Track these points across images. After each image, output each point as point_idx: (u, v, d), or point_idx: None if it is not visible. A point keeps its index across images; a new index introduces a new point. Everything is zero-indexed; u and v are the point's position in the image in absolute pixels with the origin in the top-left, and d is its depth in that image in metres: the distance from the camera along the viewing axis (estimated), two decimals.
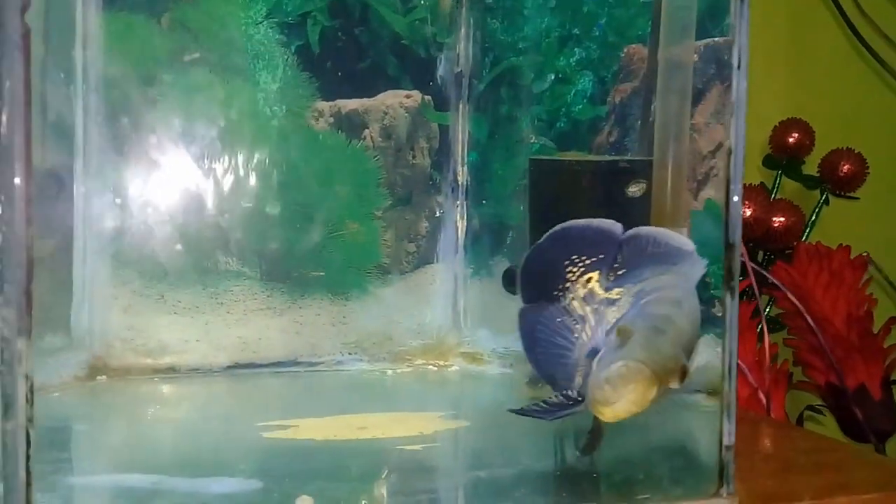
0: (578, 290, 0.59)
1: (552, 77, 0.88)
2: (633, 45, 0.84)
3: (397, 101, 0.89)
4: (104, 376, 0.78)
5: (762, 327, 0.97)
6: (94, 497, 0.51)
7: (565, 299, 0.59)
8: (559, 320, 0.57)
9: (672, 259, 0.56)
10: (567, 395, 0.55)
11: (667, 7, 0.70)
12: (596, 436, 0.57)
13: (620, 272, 0.58)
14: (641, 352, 0.49)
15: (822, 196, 1.22)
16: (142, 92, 0.79)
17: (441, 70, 0.89)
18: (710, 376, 0.67)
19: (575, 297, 0.59)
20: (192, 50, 0.82)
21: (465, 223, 0.90)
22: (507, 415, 0.74)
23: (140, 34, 0.80)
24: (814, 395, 1.14)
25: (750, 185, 1.16)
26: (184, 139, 0.80)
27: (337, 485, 0.53)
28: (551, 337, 0.57)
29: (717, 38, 0.77)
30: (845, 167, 1.21)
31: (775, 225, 1.15)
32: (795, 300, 1.06)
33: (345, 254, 0.87)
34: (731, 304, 0.50)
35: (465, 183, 0.90)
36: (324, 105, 0.87)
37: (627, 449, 0.58)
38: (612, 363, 0.49)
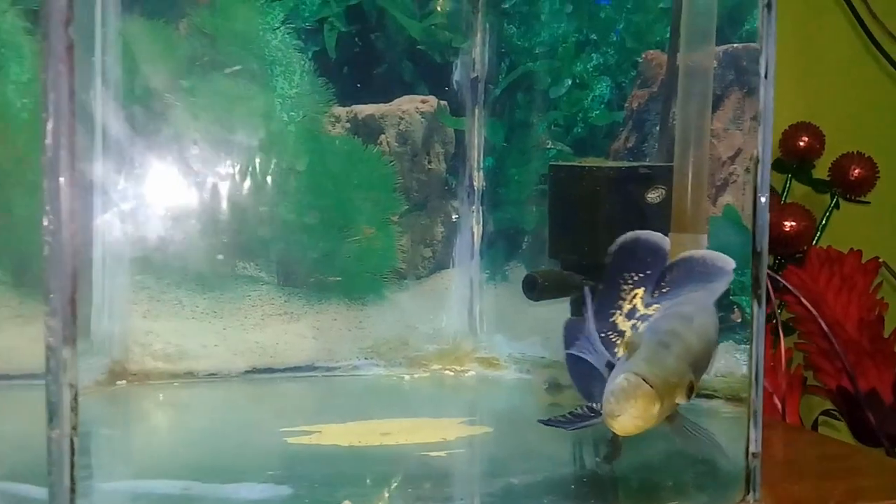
0: (625, 306, 0.59)
1: (569, 82, 0.88)
2: (651, 51, 0.84)
3: (413, 107, 0.90)
4: (124, 381, 0.78)
5: (777, 332, 0.97)
6: (128, 503, 0.51)
7: (613, 314, 0.59)
8: (602, 335, 0.58)
9: (711, 277, 0.57)
10: (591, 406, 0.55)
11: (687, 12, 0.70)
12: (616, 445, 0.57)
13: (665, 290, 0.59)
14: (644, 366, 0.50)
15: (832, 200, 1.22)
16: (160, 98, 0.80)
17: (457, 75, 0.89)
18: (731, 382, 0.67)
19: (621, 313, 0.59)
20: (209, 55, 0.82)
21: (480, 228, 0.90)
22: (527, 421, 0.75)
23: (159, 40, 0.81)
24: (827, 403, 1.15)
25: None
26: (202, 145, 0.80)
27: (367, 491, 0.53)
28: (585, 349, 0.57)
29: (736, 44, 0.77)
30: (855, 171, 1.21)
31: (786, 229, 1.15)
32: (808, 304, 1.06)
33: (361, 259, 0.87)
34: (759, 312, 0.51)
35: (480, 188, 0.90)
36: (340, 110, 0.87)
37: (652, 455, 0.59)
38: (617, 377, 0.49)
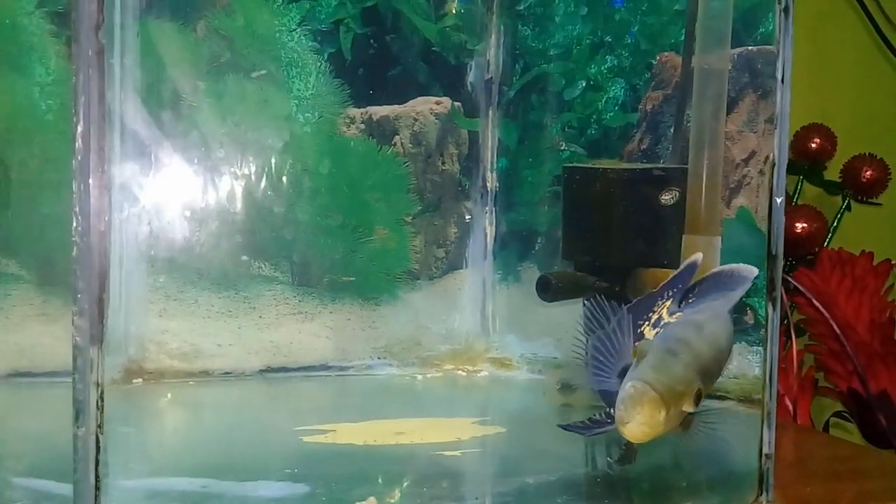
0: (653, 316, 0.59)
1: (583, 84, 0.88)
2: (665, 53, 0.84)
3: (427, 108, 0.90)
4: (140, 379, 0.79)
5: (789, 334, 0.97)
6: (148, 500, 0.52)
7: (641, 325, 0.60)
8: (626, 340, 0.58)
9: (733, 285, 0.57)
10: (608, 412, 0.55)
11: (702, 15, 0.70)
12: (630, 449, 0.57)
13: (691, 300, 0.59)
14: (651, 373, 0.50)
15: (843, 202, 1.22)
16: (177, 99, 0.80)
17: (471, 77, 0.90)
18: (743, 384, 0.67)
19: (649, 323, 0.59)
20: (226, 57, 0.83)
21: (493, 229, 0.91)
22: (540, 421, 0.75)
23: (176, 42, 0.81)
24: (836, 402, 1.14)
25: None
26: (218, 146, 0.81)
27: (382, 489, 0.53)
28: (607, 356, 0.57)
29: (751, 47, 0.77)
30: (867, 173, 1.21)
31: (797, 231, 1.15)
32: (819, 306, 1.06)
33: (375, 259, 0.88)
34: (773, 315, 0.51)
35: (494, 189, 0.90)
36: (355, 111, 0.88)
37: (665, 456, 0.59)
38: (626, 384, 0.50)
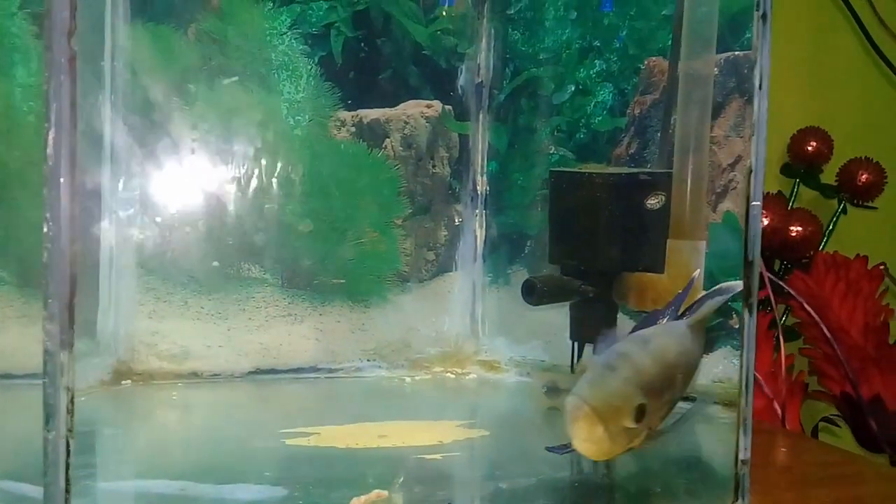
0: None
1: (572, 88, 0.88)
2: (653, 58, 0.84)
3: (418, 111, 0.90)
4: (129, 381, 0.79)
5: (778, 338, 0.97)
6: (125, 501, 0.52)
7: None
8: None
9: (714, 295, 0.57)
10: None
11: (688, 20, 0.71)
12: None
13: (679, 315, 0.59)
14: (586, 389, 0.50)
15: (839, 205, 1.22)
16: (167, 102, 0.81)
17: (462, 80, 0.90)
18: (728, 388, 0.68)
19: None
20: (217, 60, 0.83)
21: (483, 232, 0.91)
22: (524, 424, 0.75)
23: (167, 45, 0.82)
24: (829, 406, 1.14)
25: (768, 193, 1.16)
26: (208, 149, 0.82)
27: (360, 493, 0.54)
28: None
29: (737, 52, 0.77)
30: (863, 176, 1.21)
31: (792, 234, 1.15)
32: (812, 310, 1.06)
33: (365, 262, 0.88)
34: (749, 321, 0.51)
35: (484, 192, 0.91)
36: (346, 115, 0.88)
37: (645, 460, 0.59)
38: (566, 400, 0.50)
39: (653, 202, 0.74)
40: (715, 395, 0.71)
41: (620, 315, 0.76)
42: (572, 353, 0.77)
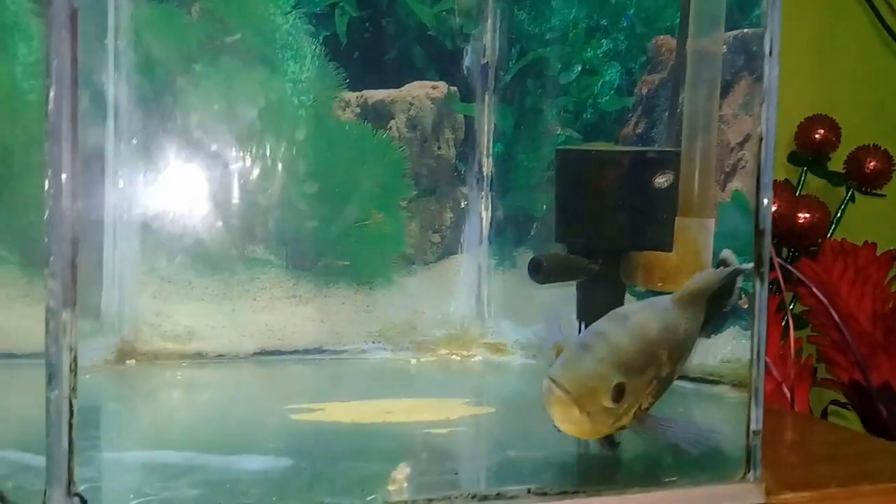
0: None
1: (579, 68, 0.88)
2: (661, 36, 0.84)
3: (423, 92, 0.90)
4: (133, 360, 0.79)
5: (787, 321, 0.96)
6: (129, 471, 0.52)
7: None
8: None
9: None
10: None
11: None
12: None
13: None
14: (559, 370, 0.49)
15: (847, 193, 1.21)
16: (171, 81, 0.80)
17: (467, 61, 0.89)
18: (737, 368, 0.67)
19: None
20: (223, 38, 0.83)
21: (489, 214, 0.90)
22: (531, 404, 0.74)
23: (170, 24, 0.81)
24: (837, 393, 1.14)
25: (775, 181, 1.15)
26: (212, 128, 0.81)
27: (365, 465, 0.53)
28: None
29: (746, 30, 0.77)
30: (871, 164, 1.20)
31: (800, 221, 1.14)
32: (821, 296, 1.05)
33: (370, 243, 0.88)
34: (761, 291, 0.50)
35: (489, 174, 0.90)
36: (350, 95, 0.88)
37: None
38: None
39: (661, 181, 0.73)
40: (725, 375, 0.70)
41: (627, 295, 0.76)
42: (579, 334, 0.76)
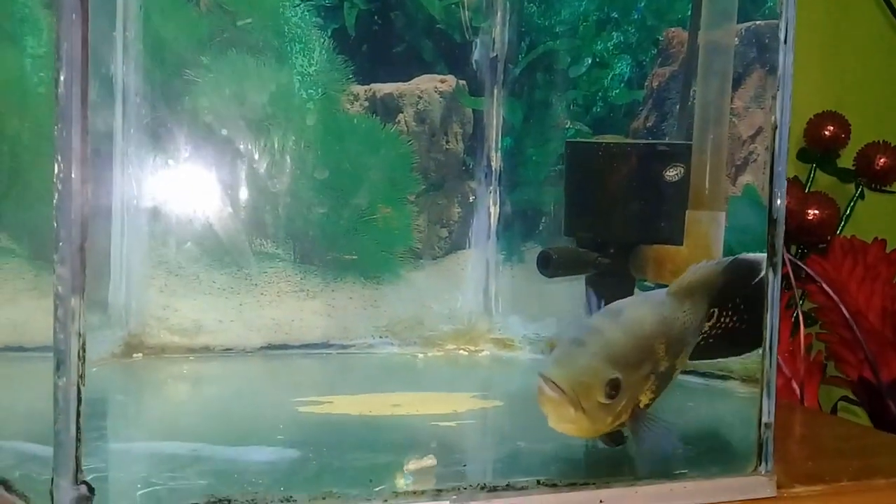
0: None
1: (589, 61, 0.87)
2: (672, 29, 0.83)
3: (432, 86, 0.89)
4: (140, 354, 0.78)
5: (797, 317, 0.96)
6: (136, 462, 0.52)
7: None
8: None
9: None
10: None
11: None
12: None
13: None
14: (552, 367, 0.48)
15: (856, 190, 1.20)
16: (180, 74, 0.80)
17: (476, 55, 0.89)
18: (747, 363, 0.66)
19: None
20: (231, 30, 0.82)
21: (497, 209, 0.90)
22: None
23: (179, 16, 0.81)
24: (846, 390, 1.13)
25: None
26: (220, 122, 0.81)
27: (373, 456, 0.53)
28: None
29: (758, 21, 0.76)
30: (881, 161, 1.19)
31: (809, 218, 1.13)
32: (831, 293, 1.04)
33: (377, 238, 0.87)
34: (774, 281, 0.50)
35: (498, 168, 0.90)
36: (359, 89, 0.87)
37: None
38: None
39: (671, 174, 0.73)
40: (735, 370, 0.70)
41: (637, 289, 0.75)
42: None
